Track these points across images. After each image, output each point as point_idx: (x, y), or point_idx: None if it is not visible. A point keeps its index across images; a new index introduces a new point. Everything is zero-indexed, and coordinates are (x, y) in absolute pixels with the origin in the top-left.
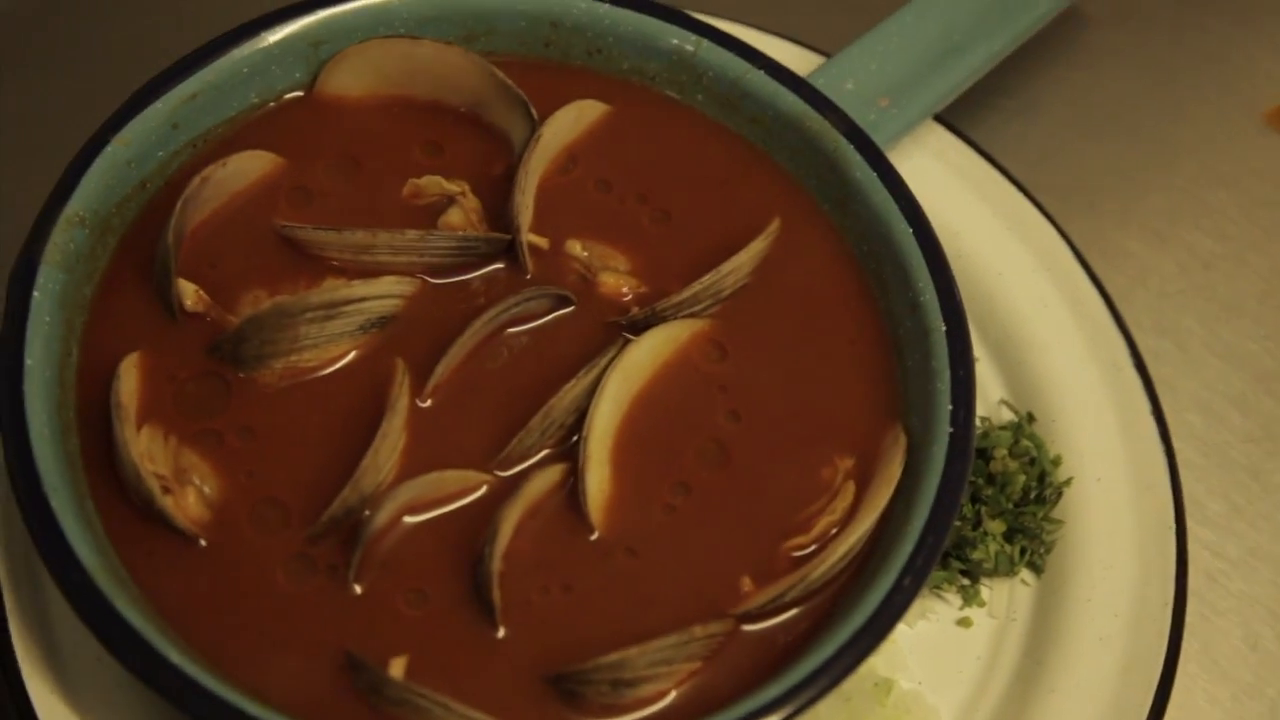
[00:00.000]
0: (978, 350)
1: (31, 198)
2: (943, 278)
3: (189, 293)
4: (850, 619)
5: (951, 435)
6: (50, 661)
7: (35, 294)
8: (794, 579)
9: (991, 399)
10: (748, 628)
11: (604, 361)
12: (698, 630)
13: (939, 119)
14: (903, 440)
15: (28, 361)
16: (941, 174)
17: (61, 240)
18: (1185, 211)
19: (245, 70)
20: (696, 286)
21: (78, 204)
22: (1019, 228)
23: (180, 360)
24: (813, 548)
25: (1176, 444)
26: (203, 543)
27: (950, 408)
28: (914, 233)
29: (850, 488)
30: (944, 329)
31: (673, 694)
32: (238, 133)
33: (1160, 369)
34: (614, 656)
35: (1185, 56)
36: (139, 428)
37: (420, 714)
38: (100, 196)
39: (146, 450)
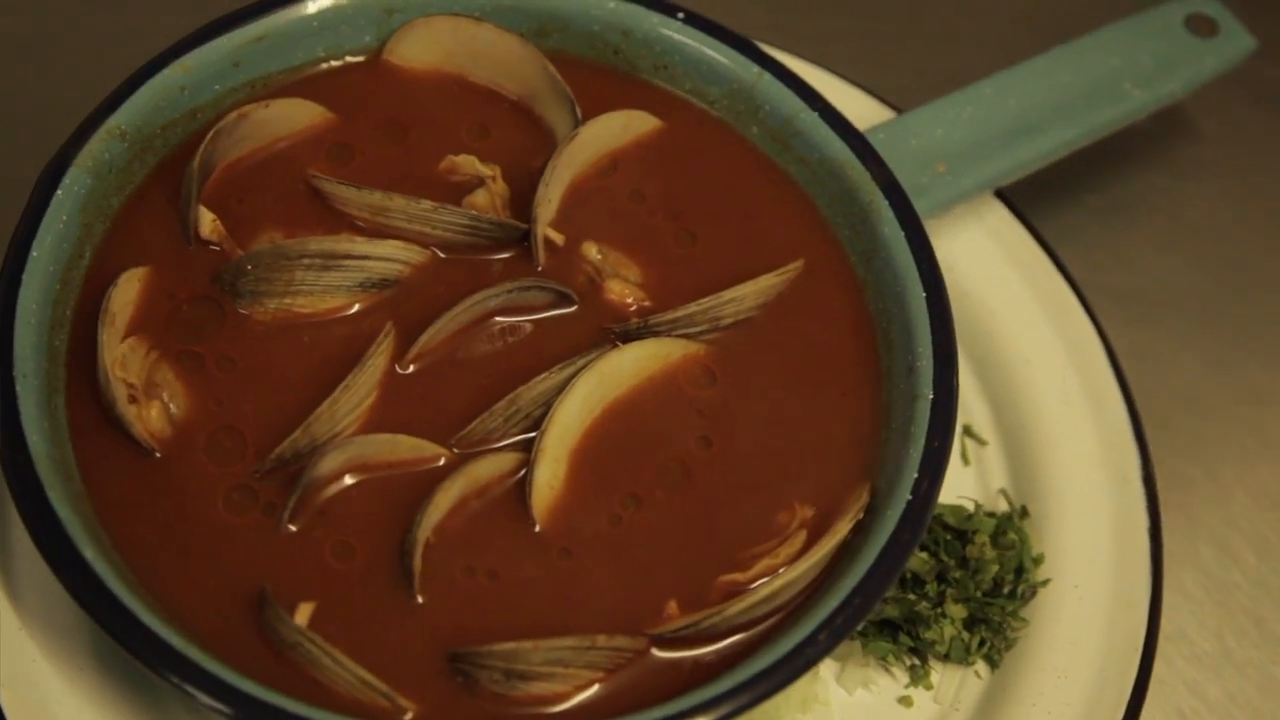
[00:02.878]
0: (989, 435)
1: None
2: (943, 347)
3: (206, 221)
4: (755, 662)
5: (909, 503)
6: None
7: (58, 193)
8: (713, 610)
9: (992, 486)
10: (658, 652)
11: (582, 361)
12: (601, 640)
13: (1004, 199)
14: (864, 499)
15: (33, 252)
16: (992, 252)
17: (98, 149)
18: (1251, 345)
19: (316, 24)
20: (693, 307)
21: (122, 117)
22: (1058, 319)
23: (184, 283)
24: (749, 587)
25: (1181, 574)
26: (157, 455)
27: (915, 475)
28: (927, 298)
29: (801, 536)
30: (931, 398)
31: (570, 700)
32: (297, 82)
33: (1182, 494)
34: (509, 645)
35: None
36: (126, 337)
37: (310, 660)
38: (146, 114)
39: (122, 358)
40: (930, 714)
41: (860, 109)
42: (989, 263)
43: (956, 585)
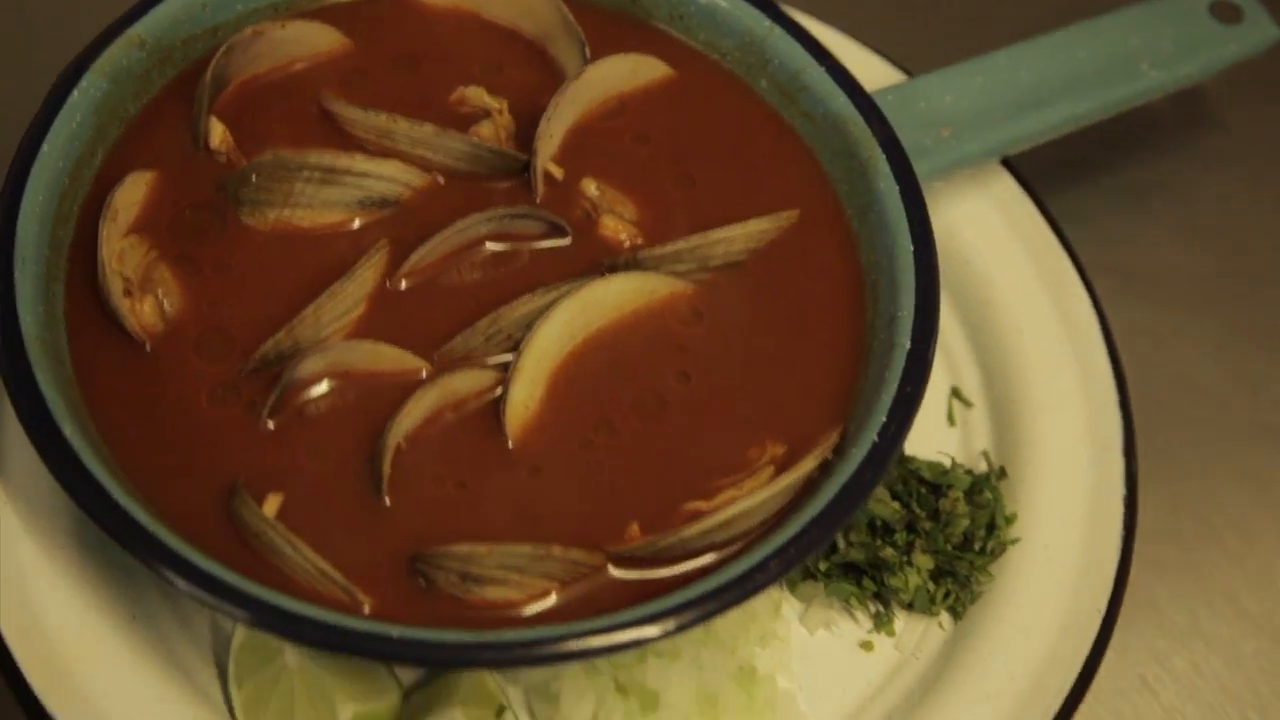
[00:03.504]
0: (977, 399)
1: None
2: (926, 299)
3: (217, 131)
4: (705, 582)
5: (874, 445)
6: None
7: (74, 94)
8: (671, 532)
9: (975, 447)
10: (615, 570)
11: (566, 287)
12: (556, 550)
13: (1013, 171)
14: (834, 440)
15: (44, 147)
16: (995, 221)
17: (116, 55)
18: (1251, 334)
19: None
20: (682, 244)
21: (143, 27)
22: (1055, 291)
23: (189, 189)
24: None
25: (1159, 548)
26: (147, 348)
27: (884, 420)
28: (915, 251)
29: (769, 472)
30: (909, 346)
31: (523, 607)
32: (321, 9)
33: (1169, 471)
34: (465, 547)
35: None
36: (127, 235)
37: (272, 549)
38: (166, 26)
39: (121, 252)
40: (890, 660)
41: (873, 72)
42: (992, 232)
43: (926, 536)
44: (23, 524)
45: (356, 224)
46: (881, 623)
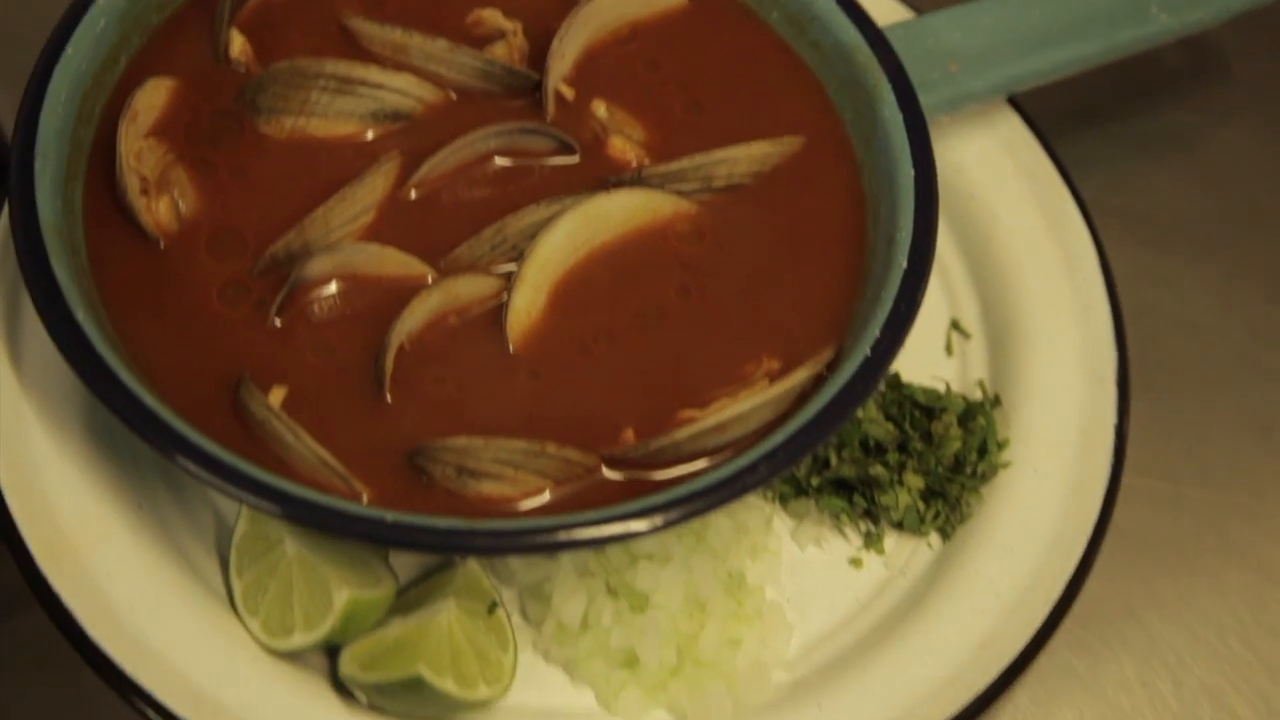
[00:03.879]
0: (975, 331)
1: None
2: (924, 222)
3: (237, 42)
4: (694, 482)
5: (866, 358)
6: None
7: (98, 1)
8: (664, 435)
9: (971, 377)
10: (608, 473)
11: (571, 200)
12: (551, 447)
13: (1021, 112)
14: (828, 356)
15: (68, 50)
16: (1001, 159)
17: None
18: (1253, 279)
19: None
20: (685, 162)
21: None
22: (1057, 228)
23: (209, 97)
24: None
25: (1149, 481)
26: (161, 245)
27: (877, 335)
28: (915, 175)
29: (764, 384)
30: (905, 266)
31: (517, 503)
32: None
33: (1163, 405)
34: (462, 440)
35: None
36: (145, 137)
37: (275, 438)
38: None
39: (140, 152)
40: (878, 577)
41: (883, 9)
42: (998, 169)
43: (918, 458)
44: (36, 412)
45: (369, 135)
46: (871, 541)
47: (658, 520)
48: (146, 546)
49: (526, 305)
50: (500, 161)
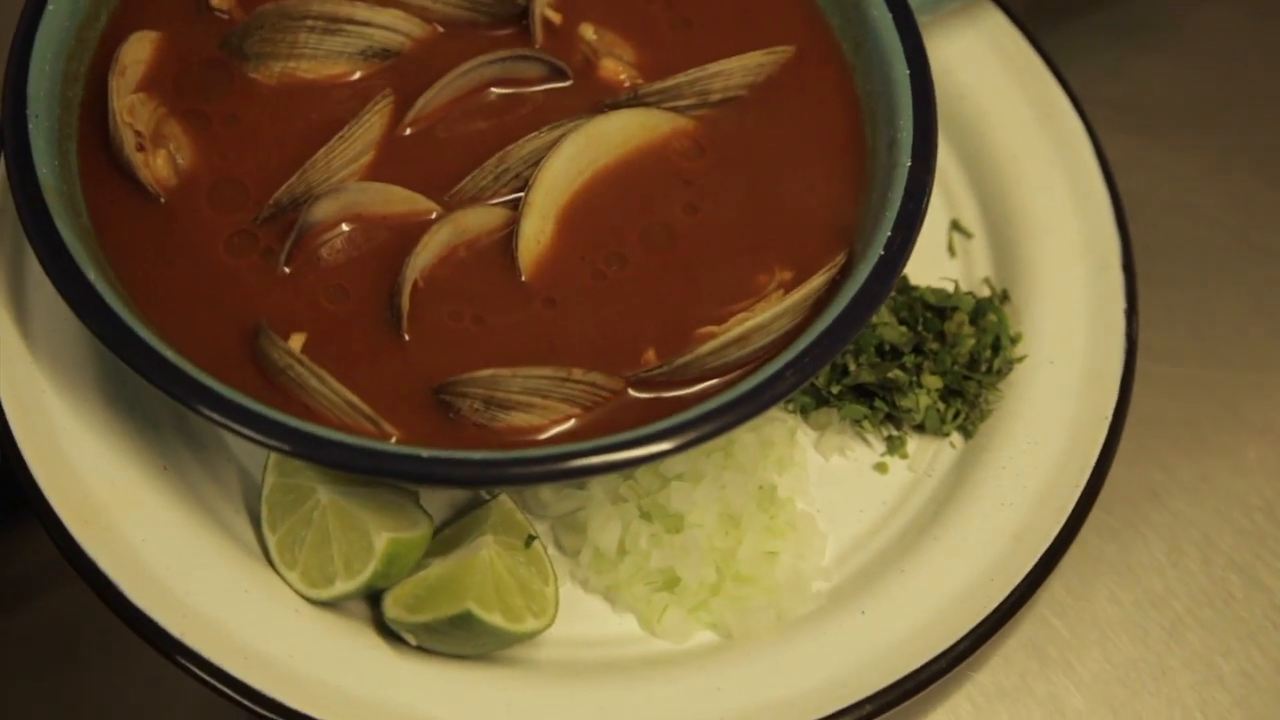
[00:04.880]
0: (976, 229)
1: None
2: (923, 119)
3: None
4: (723, 395)
5: (880, 257)
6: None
7: None
8: (686, 351)
9: (976, 275)
10: (635, 393)
11: (570, 124)
12: (577, 372)
13: (1002, 7)
14: (840, 260)
15: (49, 6)
16: (987, 57)
17: None
18: (1243, 156)
19: None
20: (681, 78)
21: None
22: (1048, 119)
23: (194, 47)
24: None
25: (1159, 365)
26: (162, 201)
27: (889, 234)
28: (910, 74)
29: (779, 295)
30: (909, 164)
31: (546, 432)
32: None
33: (1165, 290)
34: (488, 372)
35: None
36: (135, 92)
37: (299, 383)
38: None
39: (132, 106)
40: (904, 480)
41: None
42: (985, 67)
43: (934, 358)
44: (51, 382)
45: (359, 75)
46: (894, 446)
47: (691, 435)
48: (176, 507)
49: (535, 233)
50: (494, 91)
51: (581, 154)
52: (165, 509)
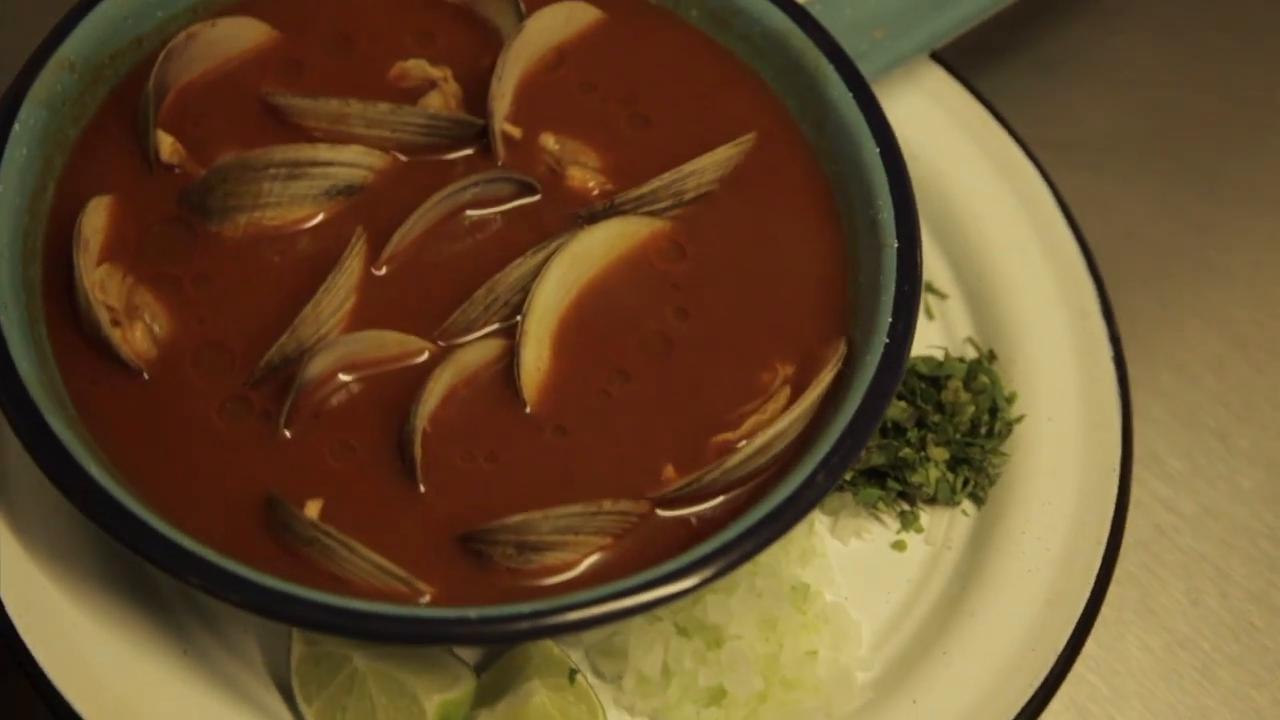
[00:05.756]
0: (950, 289)
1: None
2: (901, 197)
3: (166, 144)
4: (758, 509)
5: (886, 346)
6: None
7: (15, 126)
8: (711, 466)
9: (958, 336)
10: (663, 512)
11: (554, 245)
12: (606, 504)
13: (940, 62)
14: (842, 350)
15: None
16: (934, 114)
17: (50, 80)
18: (1189, 180)
19: None
20: (656, 182)
21: (70, 49)
22: (1005, 171)
23: (150, 208)
24: (739, 444)
25: (1145, 400)
26: (145, 376)
27: (890, 320)
28: (880, 153)
29: (785, 393)
30: (896, 246)
31: (581, 566)
32: (240, 4)
33: (1138, 327)
34: (519, 518)
35: (1211, 31)
36: (99, 264)
37: (326, 553)
38: (94, 45)
39: (101, 282)
40: (923, 555)
41: None
42: (933, 125)
43: (936, 429)
44: (51, 578)
45: (323, 216)
46: (909, 521)
47: (735, 555)
48: (204, 692)
49: (535, 360)
50: (466, 215)
51: (568, 274)
52: (193, 695)
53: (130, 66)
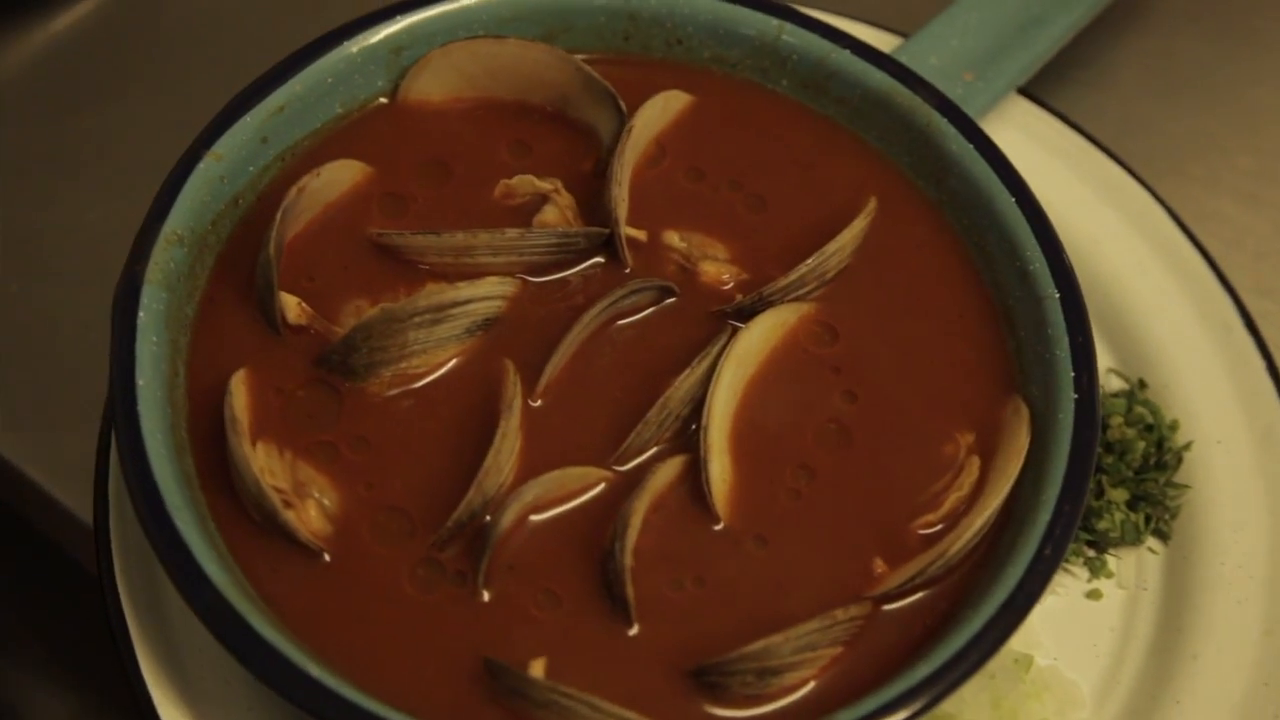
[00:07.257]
0: None
1: (131, 218)
2: (1050, 245)
3: (291, 306)
4: (993, 593)
5: (1077, 401)
6: (176, 681)
7: (141, 314)
8: (931, 556)
9: (1099, 368)
10: (887, 609)
11: (715, 350)
12: (839, 614)
13: (1021, 92)
14: (1024, 411)
15: (139, 382)
16: (1028, 147)
17: (162, 259)
18: (1276, 173)
19: (329, 80)
20: (802, 269)
21: (175, 221)
22: (1110, 194)
23: (287, 374)
24: (940, 525)
25: None
26: (326, 557)
27: (1073, 374)
28: (1017, 202)
29: (975, 463)
30: (1057, 295)
31: (815, 681)
32: (324, 144)
33: (1265, 330)
34: (759, 645)
35: (1261, 19)
36: (253, 444)
37: (566, 715)
38: (196, 213)
39: (264, 465)
40: (1119, 600)
41: (868, 40)
42: (1029, 158)
43: (1110, 471)
44: None
45: (466, 355)
46: (1097, 568)
47: (985, 648)
48: None
49: (720, 472)
50: (608, 331)
51: (735, 377)
52: None
53: (230, 229)
